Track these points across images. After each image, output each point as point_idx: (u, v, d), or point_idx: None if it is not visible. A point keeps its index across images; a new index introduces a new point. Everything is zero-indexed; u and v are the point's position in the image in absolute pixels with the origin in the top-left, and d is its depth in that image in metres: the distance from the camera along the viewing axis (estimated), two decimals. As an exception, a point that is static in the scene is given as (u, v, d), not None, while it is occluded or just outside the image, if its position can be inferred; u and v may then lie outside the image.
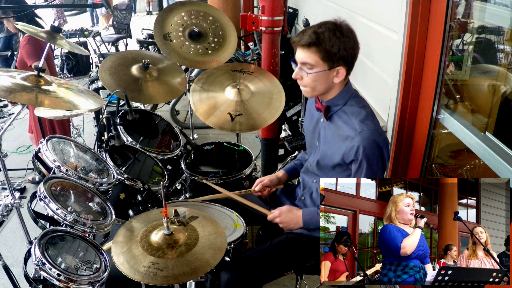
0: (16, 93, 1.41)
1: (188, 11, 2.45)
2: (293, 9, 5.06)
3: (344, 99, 1.52)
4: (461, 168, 1.99)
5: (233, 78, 2.36)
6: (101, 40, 6.84)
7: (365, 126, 1.44)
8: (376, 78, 2.28)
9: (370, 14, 2.36)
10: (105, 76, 2.15)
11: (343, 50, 1.39)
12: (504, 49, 1.82)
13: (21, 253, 2.51)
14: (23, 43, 3.08)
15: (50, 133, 3.22)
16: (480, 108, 1.96)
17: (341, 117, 1.52)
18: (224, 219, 1.74)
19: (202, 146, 2.43)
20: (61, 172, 1.58)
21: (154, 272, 1.19)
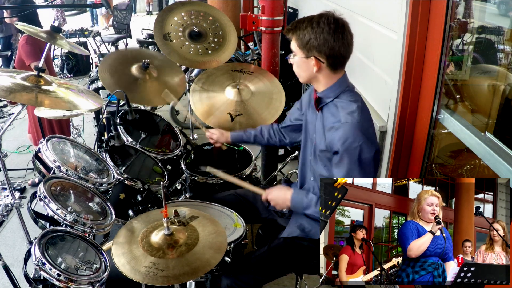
0: (16, 93, 1.41)
1: (188, 11, 2.45)
2: (293, 9, 5.06)
3: (335, 92, 1.52)
4: (461, 168, 1.99)
5: (233, 78, 2.36)
6: (101, 40, 6.83)
7: (350, 117, 1.44)
8: (376, 78, 2.28)
9: (370, 14, 2.36)
10: (105, 76, 2.15)
11: (313, 40, 1.43)
12: (504, 49, 1.82)
13: (21, 253, 2.51)
14: (21, 42, 3.08)
15: (49, 133, 3.22)
16: (480, 108, 1.96)
17: (330, 110, 1.53)
18: (224, 219, 1.74)
19: (202, 146, 2.43)
20: (61, 172, 1.58)
21: (154, 272, 1.19)
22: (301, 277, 1.82)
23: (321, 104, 1.56)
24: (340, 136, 1.42)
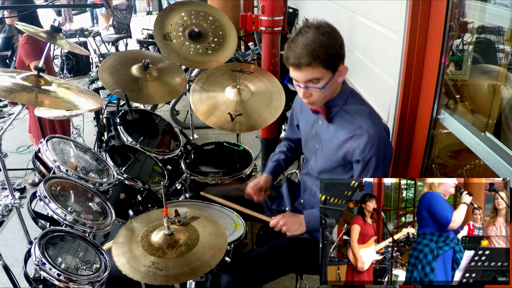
0: (16, 93, 1.41)
1: (188, 11, 2.45)
2: (293, 9, 5.06)
3: (344, 98, 1.49)
4: (461, 168, 1.99)
5: (233, 78, 2.36)
6: (101, 40, 6.84)
7: (371, 122, 1.42)
8: (376, 78, 2.28)
9: (370, 14, 2.36)
10: (105, 76, 2.15)
11: (338, 48, 1.36)
12: (504, 49, 1.82)
13: (21, 253, 2.51)
14: (21, 42, 3.08)
15: (50, 133, 3.22)
16: (480, 108, 1.96)
17: (344, 117, 1.48)
18: (224, 219, 1.74)
19: (202, 146, 2.43)
20: (61, 172, 1.58)
21: (154, 272, 1.19)
22: (301, 277, 1.82)
23: (331, 114, 1.51)
24: (365, 143, 1.40)
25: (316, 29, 1.34)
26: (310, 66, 1.33)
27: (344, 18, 2.87)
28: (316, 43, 1.31)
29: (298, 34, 1.36)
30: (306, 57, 1.32)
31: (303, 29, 1.36)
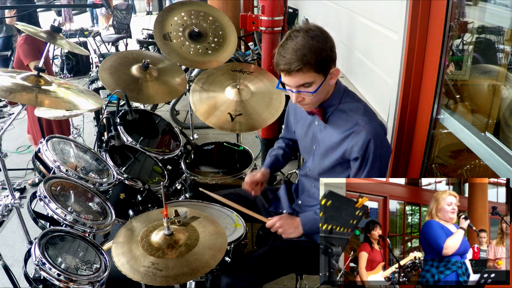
0: (16, 93, 1.41)
1: (188, 11, 2.45)
2: (293, 9, 5.06)
3: (338, 97, 1.49)
4: (461, 168, 1.99)
5: (233, 78, 2.36)
6: (101, 40, 6.84)
7: (368, 119, 1.42)
8: (376, 78, 2.28)
9: (370, 14, 2.36)
10: (105, 76, 2.15)
11: (329, 51, 1.35)
12: (504, 49, 1.82)
13: (21, 253, 2.51)
14: (20, 42, 3.07)
15: (48, 133, 3.22)
16: (480, 108, 1.96)
17: (340, 116, 1.49)
18: (224, 219, 1.74)
19: (202, 146, 2.43)
20: (61, 172, 1.58)
21: (153, 272, 1.19)
22: (301, 277, 1.82)
23: (327, 114, 1.51)
24: (364, 139, 1.39)
25: (305, 33, 1.32)
26: (301, 71, 1.32)
27: (344, 18, 2.87)
28: (306, 48, 1.30)
29: (288, 39, 1.35)
30: (296, 62, 1.30)
31: (293, 33, 1.35)
